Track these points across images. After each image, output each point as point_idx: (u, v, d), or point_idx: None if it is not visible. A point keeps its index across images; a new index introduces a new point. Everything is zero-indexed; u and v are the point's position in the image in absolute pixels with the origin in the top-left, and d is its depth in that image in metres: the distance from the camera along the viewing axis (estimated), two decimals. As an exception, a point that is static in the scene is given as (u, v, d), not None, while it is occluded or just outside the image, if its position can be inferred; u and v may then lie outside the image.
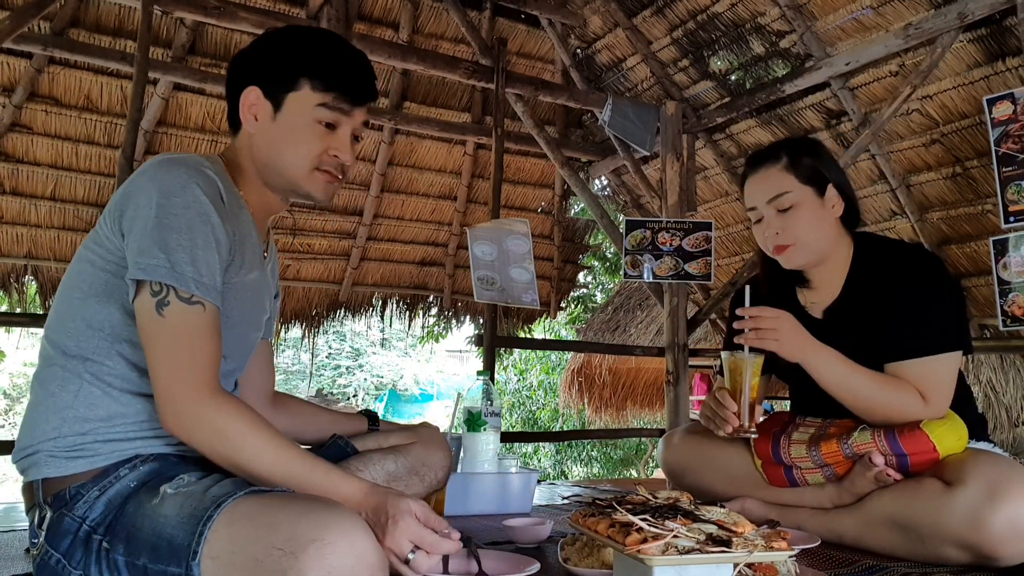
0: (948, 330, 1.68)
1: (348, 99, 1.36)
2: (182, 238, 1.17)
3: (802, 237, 1.77)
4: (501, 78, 4.08)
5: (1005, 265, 2.94)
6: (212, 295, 1.19)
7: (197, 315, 1.17)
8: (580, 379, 7.85)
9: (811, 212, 1.77)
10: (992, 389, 4.21)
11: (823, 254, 1.82)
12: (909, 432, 1.62)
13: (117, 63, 3.88)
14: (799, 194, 1.77)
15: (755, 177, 1.84)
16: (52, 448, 1.21)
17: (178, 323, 1.15)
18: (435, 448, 1.65)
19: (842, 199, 1.81)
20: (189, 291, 1.16)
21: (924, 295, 1.70)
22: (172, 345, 1.15)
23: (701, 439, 2.00)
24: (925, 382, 1.66)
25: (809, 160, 1.80)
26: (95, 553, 1.13)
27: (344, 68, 1.37)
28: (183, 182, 1.20)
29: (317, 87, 1.34)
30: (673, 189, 4.23)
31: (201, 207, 1.20)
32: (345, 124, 1.37)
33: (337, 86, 1.34)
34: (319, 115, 1.34)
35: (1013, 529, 1.43)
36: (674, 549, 0.99)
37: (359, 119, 1.39)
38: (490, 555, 1.39)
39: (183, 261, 1.16)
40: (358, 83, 1.38)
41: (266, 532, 0.98)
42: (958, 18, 3.14)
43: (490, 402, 2.25)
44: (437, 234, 5.50)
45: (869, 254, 1.82)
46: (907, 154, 3.94)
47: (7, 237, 4.36)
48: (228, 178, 1.33)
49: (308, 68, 1.34)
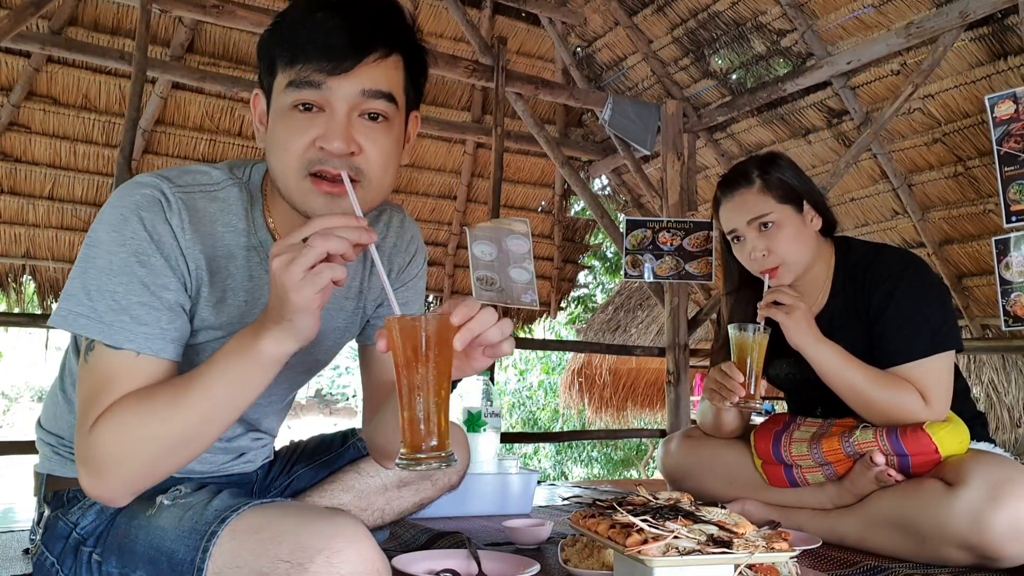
0: (939, 330, 1.69)
1: (319, 67, 1.01)
2: (112, 280, 1.02)
3: (788, 255, 1.79)
4: (501, 77, 4.07)
5: (1007, 265, 2.93)
6: (152, 346, 1.03)
7: (122, 359, 1.01)
8: (580, 379, 7.84)
9: (792, 230, 1.80)
10: (994, 389, 4.20)
11: (808, 268, 1.84)
12: (911, 432, 1.62)
13: (115, 62, 3.87)
14: (779, 214, 1.80)
15: (731, 201, 1.86)
16: (60, 446, 1.21)
17: (97, 368, 1.02)
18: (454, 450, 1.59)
19: (818, 213, 1.84)
20: (117, 345, 1.01)
21: (912, 298, 1.71)
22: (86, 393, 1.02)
23: (699, 443, 2.02)
24: (924, 384, 1.66)
25: (780, 177, 1.82)
26: (85, 564, 1.11)
27: (308, 29, 1.02)
28: (124, 215, 1.04)
29: (283, 64, 1.04)
30: (674, 188, 4.22)
31: (138, 244, 1.03)
32: (333, 102, 1.02)
33: (301, 54, 1.02)
34: (291, 99, 1.03)
35: (1015, 529, 1.42)
36: (675, 550, 0.98)
37: (352, 90, 1.02)
38: (490, 556, 1.39)
39: (110, 309, 1.01)
40: (328, 40, 1.01)
41: (271, 545, 0.95)
42: (960, 17, 3.13)
43: (490, 403, 2.24)
44: (437, 233, 5.49)
45: (851, 260, 1.84)
46: (909, 153, 3.93)
47: (5, 237, 4.35)
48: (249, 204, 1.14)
49: (275, 43, 1.06)
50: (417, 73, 1.12)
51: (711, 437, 2.02)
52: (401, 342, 0.90)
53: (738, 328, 1.72)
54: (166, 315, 1.05)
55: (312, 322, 0.94)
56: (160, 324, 1.04)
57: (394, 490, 1.48)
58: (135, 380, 1.01)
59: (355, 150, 1.03)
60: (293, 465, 1.47)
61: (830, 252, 1.87)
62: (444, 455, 0.92)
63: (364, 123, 1.04)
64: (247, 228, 1.14)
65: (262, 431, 1.36)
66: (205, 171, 1.15)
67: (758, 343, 1.70)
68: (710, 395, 1.82)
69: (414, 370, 0.91)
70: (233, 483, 1.32)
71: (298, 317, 0.92)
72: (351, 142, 1.02)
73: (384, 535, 1.66)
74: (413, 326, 0.90)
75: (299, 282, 0.89)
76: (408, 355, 0.91)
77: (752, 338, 1.70)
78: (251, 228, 1.15)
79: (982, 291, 3.97)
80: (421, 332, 0.90)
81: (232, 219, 1.13)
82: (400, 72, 1.08)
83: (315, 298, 0.91)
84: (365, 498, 1.44)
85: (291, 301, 0.91)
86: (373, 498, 1.45)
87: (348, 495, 1.42)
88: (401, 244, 1.34)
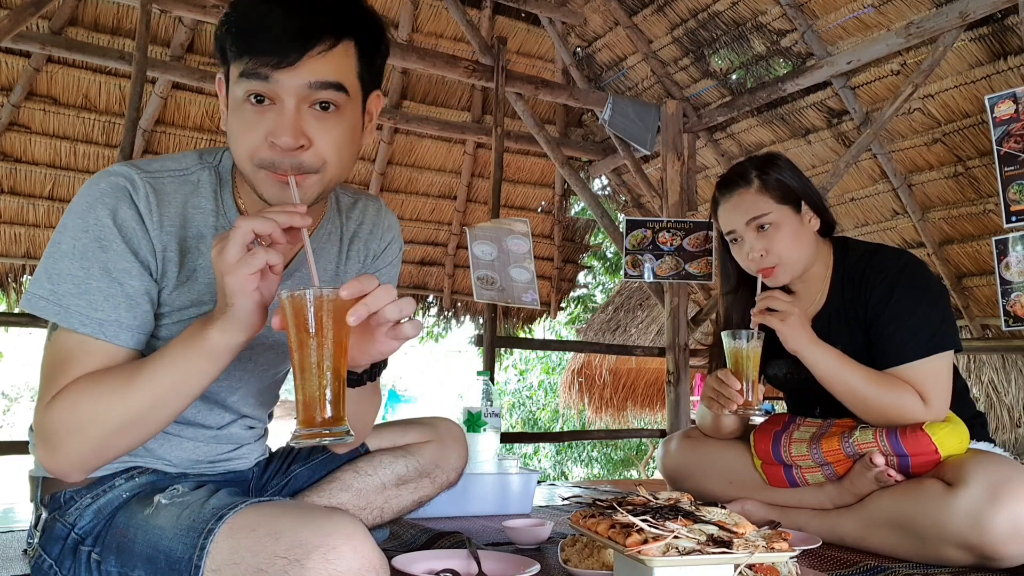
0: (937, 331, 1.69)
1: (265, 60, 0.99)
2: (73, 265, 1.05)
3: (785, 256, 1.79)
4: (501, 77, 4.07)
5: (1007, 265, 2.93)
6: (106, 331, 1.05)
7: (78, 341, 1.05)
8: (580, 379, 7.84)
9: (791, 230, 1.80)
10: (994, 389, 4.20)
11: (807, 268, 1.84)
12: (911, 432, 1.62)
13: (115, 62, 3.87)
14: (777, 214, 1.80)
15: (729, 202, 1.86)
16: None
17: (55, 347, 1.05)
18: (452, 447, 1.58)
19: (816, 213, 1.84)
20: (72, 328, 1.04)
21: (910, 298, 1.71)
22: (44, 371, 1.06)
23: (699, 443, 2.03)
24: (923, 385, 1.66)
25: (779, 177, 1.83)
26: (84, 564, 1.12)
27: (254, 21, 1.01)
28: (90, 202, 1.07)
29: (233, 55, 1.03)
30: (674, 188, 4.22)
31: (101, 231, 1.06)
32: (282, 95, 1.01)
33: (248, 46, 1.00)
34: (243, 89, 1.02)
35: (1015, 529, 1.42)
36: (675, 550, 0.98)
37: (299, 81, 1.00)
38: (490, 556, 1.39)
39: (69, 293, 1.04)
40: (275, 36, 0.99)
41: (268, 542, 0.95)
42: (960, 17, 3.13)
43: (490, 403, 2.24)
44: (437, 234, 5.49)
45: (850, 260, 1.84)
46: (909, 153, 3.93)
47: (5, 237, 4.36)
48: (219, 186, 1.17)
49: (227, 30, 1.04)
50: (373, 55, 1.10)
51: (711, 437, 2.02)
52: (293, 317, 0.91)
53: (732, 336, 1.71)
54: (124, 303, 1.07)
55: (252, 307, 0.95)
56: (118, 312, 1.06)
57: (392, 489, 1.48)
58: (91, 363, 1.04)
59: (304, 143, 1.03)
60: (290, 465, 1.47)
61: (828, 252, 1.87)
62: (337, 430, 0.92)
63: (315, 114, 1.04)
64: (216, 209, 1.16)
65: (250, 417, 1.35)
66: (176, 158, 1.18)
67: (752, 350, 1.70)
68: (708, 403, 1.82)
69: (306, 345, 0.91)
70: (229, 481, 1.32)
71: (238, 300, 0.93)
72: (300, 136, 1.02)
73: (384, 534, 1.66)
74: (303, 301, 0.90)
75: (233, 264, 0.91)
76: (300, 330, 0.91)
77: (747, 345, 1.69)
78: (220, 209, 1.17)
79: (982, 291, 3.97)
80: (309, 307, 0.90)
81: (202, 201, 1.16)
82: (352, 58, 1.06)
83: (250, 279, 0.92)
84: (363, 497, 1.44)
85: (227, 284, 0.92)
86: (371, 497, 1.45)
87: (346, 494, 1.42)
88: (377, 231, 1.37)
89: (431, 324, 5.89)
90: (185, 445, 1.25)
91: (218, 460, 1.32)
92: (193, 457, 1.27)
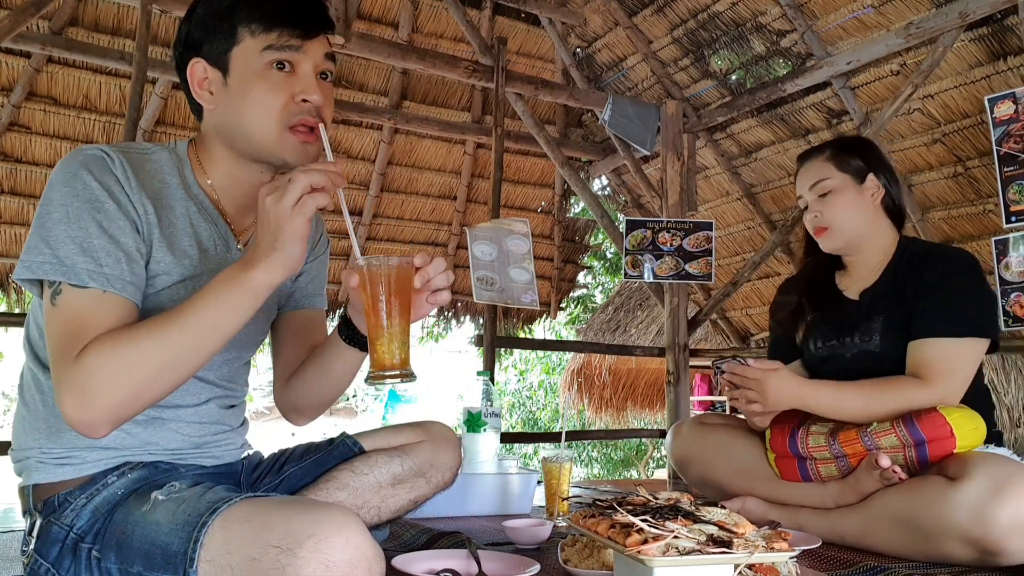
0: (972, 318, 1.73)
1: (295, 33, 1.19)
2: (70, 228, 1.09)
3: (836, 220, 1.91)
4: (501, 77, 4.07)
5: (1007, 265, 2.93)
6: (115, 284, 1.09)
7: (91, 297, 1.07)
8: (580, 379, 7.85)
9: (847, 197, 1.91)
10: (994, 389, 4.20)
11: (859, 238, 1.93)
12: (927, 415, 1.63)
13: (116, 62, 3.87)
14: (836, 180, 1.93)
15: (803, 169, 2.02)
16: (40, 455, 1.20)
17: (67, 308, 1.07)
18: (445, 447, 1.59)
19: (884, 190, 1.93)
20: (82, 283, 1.07)
21: (963, 287, 1.76)
22: (59, 331, 1.07)
23: (710, 430, 2.06)
24: (936, 364, 1.69)
25: (852, 153, 1.96)
26: (84, 561, 1.12)
27: (281, 2, 1.21)
28: (73, 171, 1.12)
29: (257, 31, 1.19)
30: (674, 189, 4.22)
31: (91, 193, 1.11)
32: (303, 62, 1.20)
33: (278, 21, 1.19)
34: (269, 58, 1.19)
35: (1018, 524, 1.43)
36: (674, 550, 0.98)
37: (318, 53, 1.22)
38: (490, 556, 1.39)
39: (72, 253, 1.08)
40: (301, 12, 1.21)
41: (261, 531, 0.97)
42: (959, 17, 3.13)
43: (490, 403, 2.24)
44: (437, 234, 5.49)
45: (913, 249, 1.91)
46: (908, 153, 3.93)
47: (5, 237, 4.35)
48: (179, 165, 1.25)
49: (242, 14, 1.20)
50: None
51: (722, 425, 2.05)
52: (371, 281, 1.10)
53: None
54: (124, 259, 1.12)
55: (300, 250, 1.04)
56: (120, 268, 1.11)
57: (388, 488, 1.48)
58: (109, 316, 1.08)
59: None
60: (283, 466, 1.47)
61: (892, 241, 1.94)
62: (406, 372, 1.12)
63: (321, 82, 1.24)
64: (181, 184, 1.26)
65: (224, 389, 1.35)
66: (136, 144, 1.29)
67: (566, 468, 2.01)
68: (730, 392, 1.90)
69: (380, 303, 1.10)
70: (221, 474, 1.34)
71: (290, 245, 1.03)
72: (325, 95, 1.23)
73: (384, 534, 1.66)
74: (385, 266, 1.11)
75: (290, 212, 1.02)
76: (377, 291, 1.10)
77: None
78: (184, 184, 1.26)
79: (982, 291, 3.97)
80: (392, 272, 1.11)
81: (166, 176, 1.25)
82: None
83: (305, 226, 1.03)
84: (360, 495, 1.44)
85: (284, 231, 1.02)
86: (368, 496, 1.46)
87: (343, 493, 1.43)
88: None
89: (431, 324, 5.89)
90: (168, 427, 1.26)
91: (204, 445, 1.32)
92: (177, 443, 1.28)
